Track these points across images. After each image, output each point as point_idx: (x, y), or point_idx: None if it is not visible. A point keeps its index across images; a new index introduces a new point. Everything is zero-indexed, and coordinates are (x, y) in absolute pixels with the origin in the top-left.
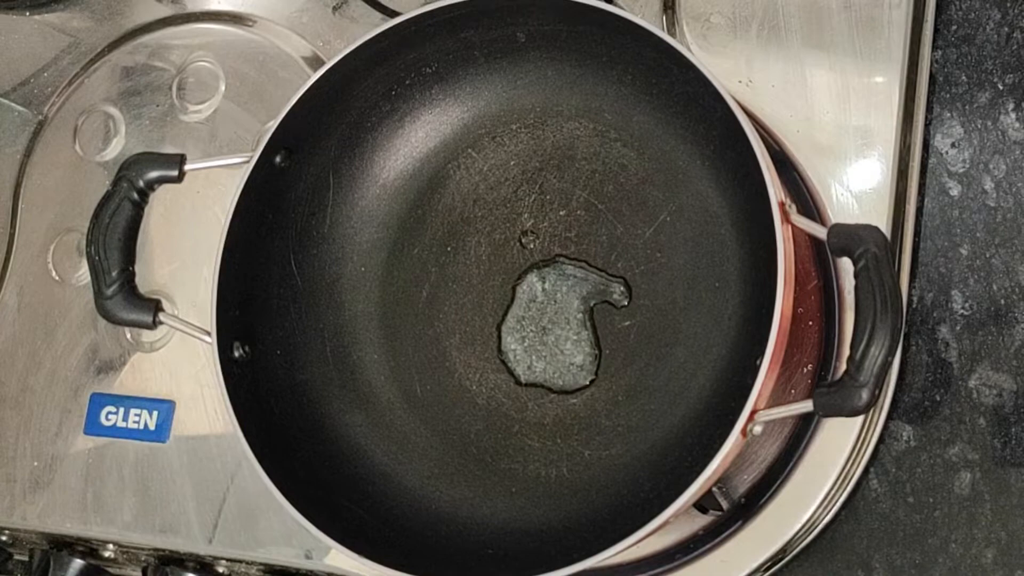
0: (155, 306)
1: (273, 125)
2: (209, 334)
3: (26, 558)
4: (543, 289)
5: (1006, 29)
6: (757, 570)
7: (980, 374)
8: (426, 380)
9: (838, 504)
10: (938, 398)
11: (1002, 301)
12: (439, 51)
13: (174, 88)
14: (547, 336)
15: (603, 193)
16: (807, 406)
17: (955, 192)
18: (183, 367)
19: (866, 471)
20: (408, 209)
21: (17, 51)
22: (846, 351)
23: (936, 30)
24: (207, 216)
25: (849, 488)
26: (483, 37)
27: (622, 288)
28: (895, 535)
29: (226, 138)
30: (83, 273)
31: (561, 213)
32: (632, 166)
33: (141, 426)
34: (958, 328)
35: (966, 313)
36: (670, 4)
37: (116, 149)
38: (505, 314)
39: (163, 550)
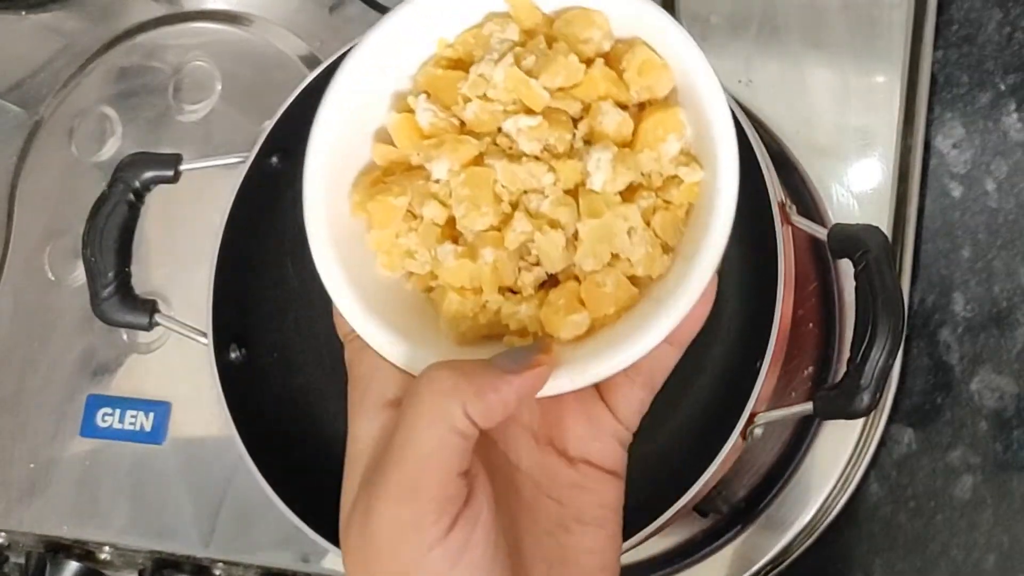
0: (151, 307)
1: (269, 125)
2: (205, 336)
3: (22, 561)
4: None
5: (1007, 29)
6: (756, 574)
7: (982, 377)
8: None
9: (838, 508)
10: (939, 401)
11: (1004, 303)
12: None
13: (170, 88)
14: None
15: None
16: (807, 409)
17: (956, 193)
18: (179, 369)
19: (866, 475)
20: None
21: (12, 52)
22: (846, 353)
23: (937, 30)
24: (203, 217)
25: (849, 492)
26: None
27: None
28: (896, 540)
29: (222, 138)
30: (79, 274)
31: None
32: None
33: (137, 428)
34: (959, 331)
35: (967, 316)
36: (669, 4)
37: (112, 150)
38: None
39: (159, 553)
